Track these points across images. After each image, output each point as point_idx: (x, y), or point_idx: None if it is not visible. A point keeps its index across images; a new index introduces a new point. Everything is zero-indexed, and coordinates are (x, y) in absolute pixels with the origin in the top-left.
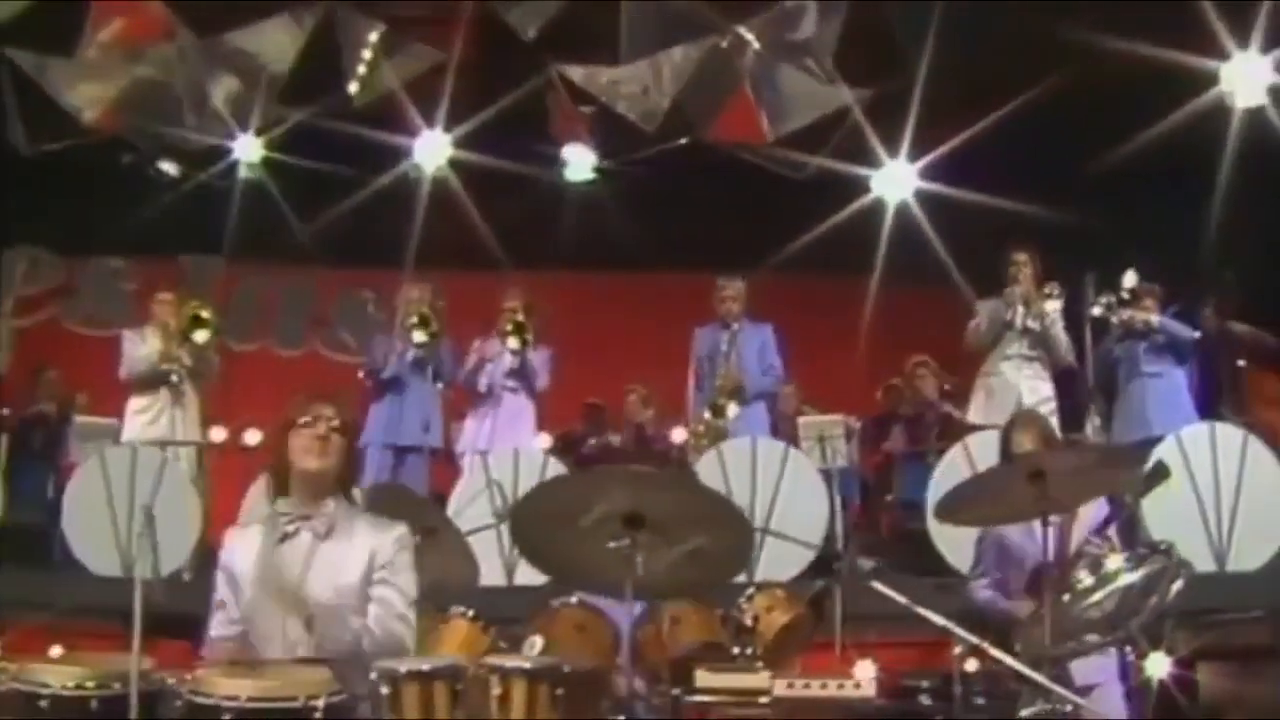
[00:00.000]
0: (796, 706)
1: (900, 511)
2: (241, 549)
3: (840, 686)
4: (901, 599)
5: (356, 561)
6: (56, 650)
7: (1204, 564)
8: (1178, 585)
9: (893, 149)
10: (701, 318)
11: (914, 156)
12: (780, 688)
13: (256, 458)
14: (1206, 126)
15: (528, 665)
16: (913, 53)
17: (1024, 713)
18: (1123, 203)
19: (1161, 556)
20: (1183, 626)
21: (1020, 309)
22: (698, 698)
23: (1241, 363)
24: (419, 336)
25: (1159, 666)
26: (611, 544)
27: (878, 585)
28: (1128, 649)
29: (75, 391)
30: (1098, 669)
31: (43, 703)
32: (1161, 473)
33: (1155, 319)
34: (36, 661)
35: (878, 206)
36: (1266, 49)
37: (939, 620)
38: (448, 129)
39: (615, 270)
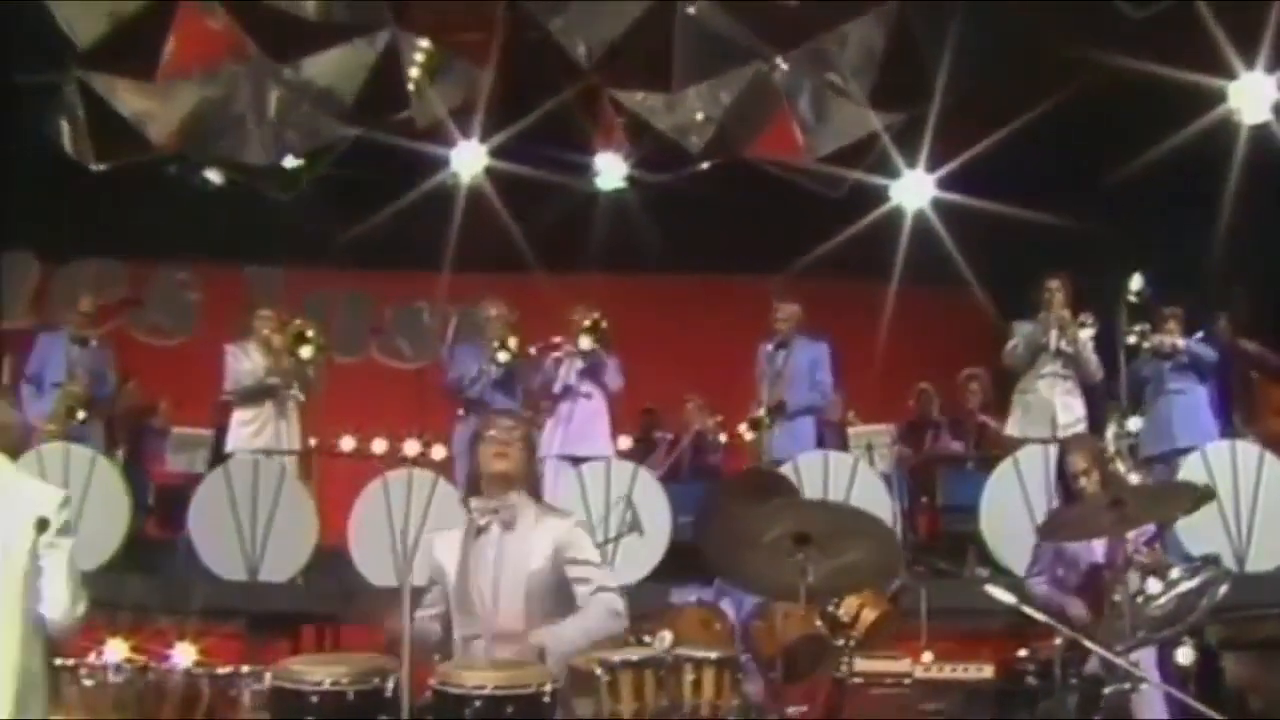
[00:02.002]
0: (932, 686)
1: (945, 515)
2: (446, 550)
3: (966, 670)
4: (1012, 599)
5: (542, 550)
6: (184, 648)
7: (1227, 565)
8: (1224, 589)
9: (911, 160)
10: (725, 318)
11: (931, 167)
12: (919, 671)
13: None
14: (1214, 142)
15: (714, 655)
16: (932, 68)
17: (1106, 690)
18: (1133, 214)
19: (1212, 566)
20: (1209, 621)
21: (1054, 332)
22: (857, 679)
23: (1254, 374)
24: (503, 357)
25: (1192, 656)
26: (791, 558)
27: (992, 589)
28: (1185, 640)
29: (156, 401)
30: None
31: (313, 698)
32: (1206, 495)
33: (1181, 342)
34: (296, 663)
35: (896, 214)
36: (1272, 69)
37: (1041, 617)
38: (484, 139)
39: (644, 274)
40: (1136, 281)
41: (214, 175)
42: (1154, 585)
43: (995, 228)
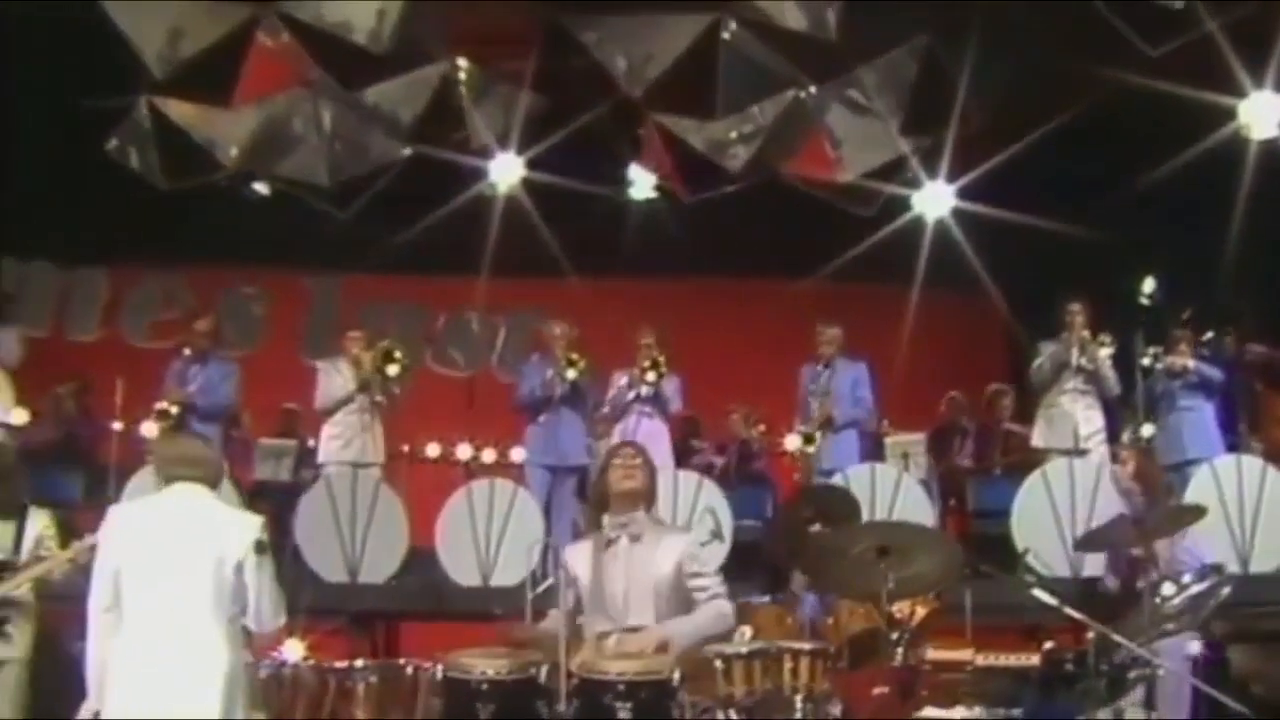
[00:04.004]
0: (988, 672)
1: (975, 519)
2: (579, 558)
3: (1017, 658)
4: (1054, 601)
5: (668, 560)
6: (293, 644)
7: (1231, 566)
8: (1226, 591)
9: (932, 171)
10: (751, 320)
11: (952, 178)
12: (979, 659)
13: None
14: (1224, 157)
15: (809, 646)
16: (956, 91)
17: (1131, 675)
18: (1146, 224)
19: (1216, 574)
20: (1216, 616)
21: (1076, 351)
22: (926, 667)
23: (1259, 387)
24: (571, 374)
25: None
26: (874, 567)
27: (1038, 592)
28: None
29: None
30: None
31: (482, 686)
32: (1200, 513)
33: (1191, 363)
34: (464, 656)
35: (917, 223)
36: None
37: (1077, 615)
38: (520, 152)
39: (673, 278)
40: (1149, 284)
41: (261, 186)
42: (1169, 588)
43: (1013, 236)
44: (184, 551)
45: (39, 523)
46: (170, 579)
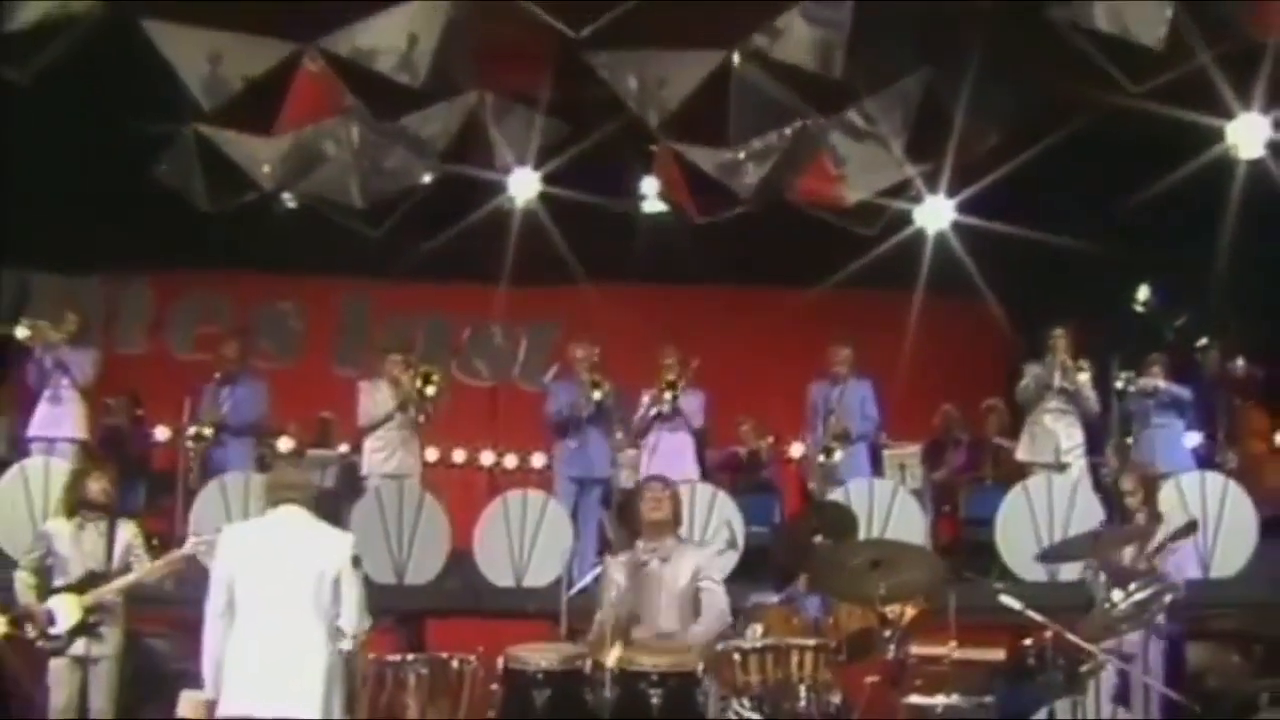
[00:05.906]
0: (963, 664)
1: (965, 526)
2: (620, 572)
3: (989, 653)
4: (1018, 605)
5: (686, 573)
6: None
7: (1193, 571)
8: (1169, 598)
9: (933, 186)
10: (754, 327)
11: (952, 192)
12: (956, 653)
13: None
14: (1213, 175)
15: (813, 642)
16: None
17: (1083, 669)
18: (1139, 239)
19: (1159, 583)
20: (1175, 616)
21: (1058, 374)
22: (913, 660)
23: (1237, 402)
24: (596, 395)
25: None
26: (868, 577)
27: (1004, 598)
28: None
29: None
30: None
31: (538, 676)
32: (1193, 528)
33: (1162, 384)
34: (521, 650)
35: (919, 236)
36: (1266, 109)
37: (1039, 618)
38: (537, 167)
39: (682, 287)
40: (1143, 292)
41: (288, 199)
42: (1118, 594)
43: (1011, 249)
44: (290, 564)
45: (127, 532)
46: (278, 588)
